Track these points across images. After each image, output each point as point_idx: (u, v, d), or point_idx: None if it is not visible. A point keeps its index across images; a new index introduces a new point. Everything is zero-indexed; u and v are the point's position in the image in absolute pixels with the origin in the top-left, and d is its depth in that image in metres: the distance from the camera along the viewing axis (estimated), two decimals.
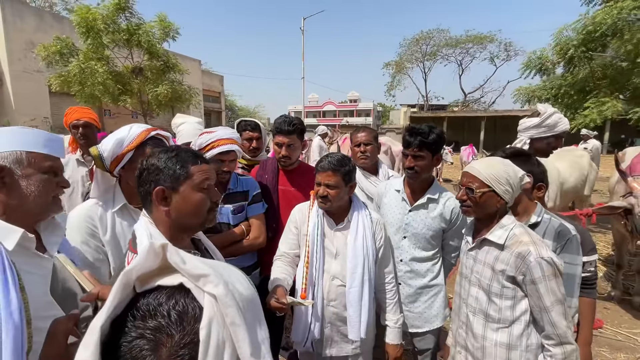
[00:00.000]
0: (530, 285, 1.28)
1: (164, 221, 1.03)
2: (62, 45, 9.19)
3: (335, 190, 1.56)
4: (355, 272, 1.58)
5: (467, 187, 1.40)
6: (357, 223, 1.62)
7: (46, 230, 1.07)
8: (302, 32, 21.55)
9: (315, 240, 1.63)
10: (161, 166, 1.00)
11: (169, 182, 1.00)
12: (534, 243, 1.29)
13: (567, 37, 6.46)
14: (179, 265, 0.46)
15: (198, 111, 19.79)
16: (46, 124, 13.25)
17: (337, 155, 1.62)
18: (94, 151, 1.36)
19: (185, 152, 1.05)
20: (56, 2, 24.83)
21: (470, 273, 1.46)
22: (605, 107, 5.76)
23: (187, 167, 1.02)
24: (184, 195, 1.02)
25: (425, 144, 1.69)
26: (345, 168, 1.57)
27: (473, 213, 1.43)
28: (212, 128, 1.87)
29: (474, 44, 34.04)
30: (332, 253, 1.65)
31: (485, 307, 1.40)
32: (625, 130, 22.18)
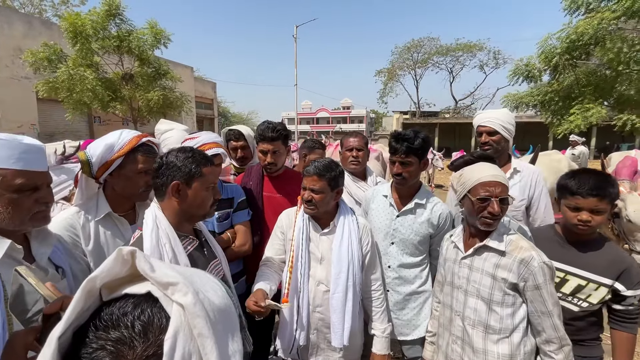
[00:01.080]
0: (533, 291, 1.27)
1: (173, 209, 1.18)
2: (50, 51, 9.07)
3: (320, 195, 1.56)
4: (339, 278, 1.56)
5: (502, 197, 1.31)
6: (343, 228, 1.61)
7: (35, 240, 1.05)
8: (294, 39, 21.69)
9: (300, 244, 1.62)
10: (179, 164, 1.17)
11: (184, 178, 1.17)
12: (534, 248, 1.32)
13: (551, 46, 6.63)
14: (147, 273, 0.44)
15: (190, 118, 19.70)
16: (33, 131, 13.02)
17: (325, 160, 1.62)
18: (82, 156, 1.33)
19: (199, 154, 1.22)
20: (46, 8, 24.67)
21: (467, 283, 1.42)
22: (590, 113, 5.90)
23: (200, 168, 1.19)
24: (195, 190, 1.19)
25: (412, 149, 1.69)
26: (331, 173, 1.56)
27: (498, 224, 1.37)
28: (195, 134, 1.85)
29: (464, 52, 34.68)
30: (317, 258, 1.64)
31: (485, 318, 1.36)
32: (611, 136, 22.74)
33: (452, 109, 38.52)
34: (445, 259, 1.57)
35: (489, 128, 2.07)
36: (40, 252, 1.04)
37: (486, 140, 2.07)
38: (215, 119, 25.97)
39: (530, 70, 7.25)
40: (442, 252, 1.62)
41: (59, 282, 1.09)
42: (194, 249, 1.23)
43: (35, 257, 1.03)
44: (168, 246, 1.13)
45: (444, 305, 1.55)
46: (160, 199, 1.21)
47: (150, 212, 1.19)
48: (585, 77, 6.59)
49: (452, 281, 1.49)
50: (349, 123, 50.36)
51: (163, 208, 1.19)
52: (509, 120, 2.07)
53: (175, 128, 2.19)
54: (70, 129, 14.32)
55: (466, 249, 1.45)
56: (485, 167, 1.40)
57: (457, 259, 1.48)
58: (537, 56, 6.89)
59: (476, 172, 1.39)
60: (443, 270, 1.60)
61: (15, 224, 0.96)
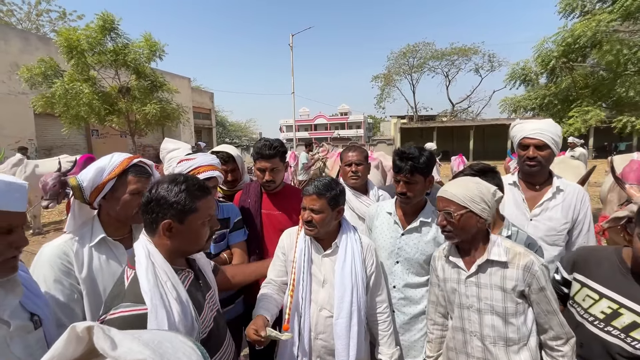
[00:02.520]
0: (538, 293, 1.30)
1: (165, 246, 1.09)
2: (46, 66, 9.07)
3: (320, 215, 1.50)
4: (343, 302, 1.48)
5: (445, 211, 1.38)
6: (346, 248, 1.55)
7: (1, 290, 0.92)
8: (290, 48, 21.84)
9: (302, 266, 1.56)
10: (171, 200, 1.06)
11: (177, 215, 1.07)
12: (528, 251, 1.37)
13: (548, 49, 6.61)
14: (107, 352, 0.38)
15: (188, 128, 19.73)
16: (31, 146, 12.99)
17: (325, 179, 1.57)
18: (72, 181, 1.29)
19: (193, 186, 1.10)
20: (43, 24, 24.87)
21: (478, 301, 1.38)
22: (589, 115, 5.87)
23: (195, 202, 1.09)
24: (189, 226, 1.09)
25: (417, 168, 1.63)
26: (331, 192, 1.51)
27: (456, 237, 1.40)
28: (191, 155, 1.80)
29: (459, 55, 34.91)
30: (319, 281, 1.57)
31: (504, 332, 1.35)
32: (608, 136, 22.82)
33: (449, 112, 38.67)
34: (443, 279, 1.50)
35: (538, 141, 1.81)
36: (3, 304, 0.91)
37: (534, 155, 1.82)
38: (213, 129, 26.01)
39: (527, 73, 7.25)
40: (436, 271, 1.55)
41: (32, 332, 0.98)
42: (190, 283, 1.15)
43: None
44: (169, 284, 1.04)
45: (454, 329, 1.48)
46: (150, 235, 1.11)
47: (142, 247, 1.07)
48: (583, 80, 6.58)
49: (459, 302, 1.44)
50: (347, 129, 50.53)
51: (155, 244, 1.09)
52: (558, 133, 1.85)
53: (181, 147, 2.15)
54: (68, 143, 14.32)
55: (467, 266, 1.41)
56: (448, 183, 1.48)
57: (460, 278, 1.43)
58: (534, 60, 6.88)
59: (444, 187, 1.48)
60: (440, 291, 1.54)
61: None
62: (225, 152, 2.20)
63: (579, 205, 1.84)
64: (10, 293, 0.93)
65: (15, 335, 0.92)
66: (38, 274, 1.23)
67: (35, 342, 0.97)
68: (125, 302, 0.96)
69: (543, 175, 1.90)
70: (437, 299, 1.57)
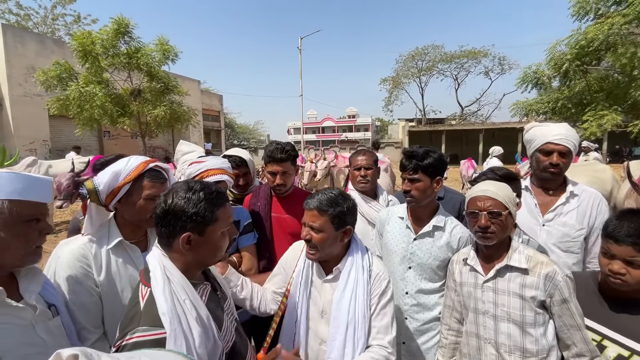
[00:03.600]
0: (560, 305, 1.25)
1: (182, 260, 1.01)
2: (61, 69, 9.29)
3: (320, 235, 1.30)
4: (335, 339, 1.28)
5: (491, 211, 1.34)
6: (348, 276, 1.32)
7: (24, 278, 1.02)
8: (299, 51, 21.95)
9: (298, 288, 1.39)
10: (189, 212, 0.97)
11: (196, 227, 0.99)
12: (553, 261, 1.32)
13: (561, 52, 6.52)
14: None
15: (197, 130, 19.93)
16: (45, 147, 13.28)
17: (332, 191, 1.36)
18: (89, 185, 1.30)
19: (210, 194, 1.02)
20: (59, 27, 25.48)
21: (494, 307, 1.35)
22: (605, 120, 5.76)
23: (214, 212, 1.01)
24: (209, 238, 1.02)
25: (420, 166, 1.62)
26: (335, 209, 1.29)
27: (496, 239, 1.35)
28: (201, 158, 1.81)
29: (469, 58, 34.72)
30: (319, 310, 1.38)
31: (520, 341, 1.30)
32: (623, 140, 22.33)
33: (458, 115, 38.38)
34: (460, 283, 1.48)
35: (563, 147, 1.74)
36: (29, 290, 1.01)
37: (558, 162, 1.75)
38: (222, 131, 26.24)
39: (540, 77, 7.15)
40: (453, 275, 1.53)
41: (51, 319, 1.06)
42: (208, 297, 1.08)
43: (24, 295, 1.00)
44: (188, 302, 0.95)
45: (468, 334, 1.45)
46: (167, 248, 1.01)
47: (157, 262, 0.98)
48: (597, 83, 6.46)
49: (475, 307, 1.41)
50: (354, 131, 50.45)
51: (171, 258, 1.01)
52: (578, 139, 1.81)
53: (195, 150, 2.16)
54: (80, 144, 14.56)
55: (485, 271, 1.39)
56: (482, 184, 1.44)
57: (477, 282, 1.40)
58: (546, 63, 6.78)
59: (473, 189, 1.44)
60: (456, 295, 1.51)
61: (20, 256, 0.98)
62: (238, 156, 2.18)
63: (595, 211, 1.78)
64: (33, 281, 1.03)
65: (39, 319, 1.01)
66: (58, 276, 1.24)
67: (55, 328, 1.06)
68: (141, 326, 0.88)
69: (559, 180, 1.87)
70: (453, 304, 1.54)
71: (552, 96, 7.10)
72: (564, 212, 1.81)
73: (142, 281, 1.00)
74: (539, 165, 1.86)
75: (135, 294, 0.99)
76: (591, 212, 1.78)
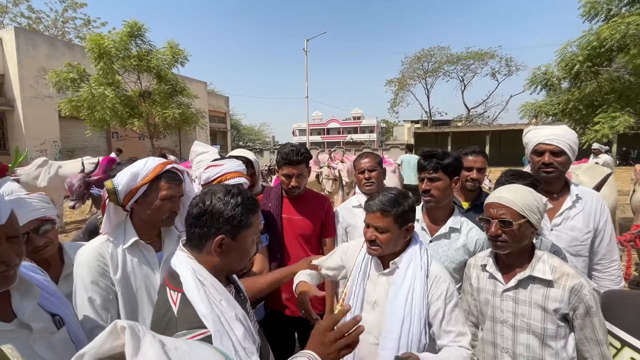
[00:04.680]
0: (584, 319, 1.21)
1: (211, 263, 0.99)
2: (74, 71, 9.45)
3: (386, 235, 1.33)
4: (391, 332, 1.30)
5: (502, 220, 1.30)
6: (406, 272, 1.34)
7: (16, 293, 0.92)
8: (305, 52, 22.02)
9: (356, 280, 1.43)
10: (227, 214, 0.97)
11: (231, 231, 0.98)
12: (580, 274, 1.26)
13: (572, 53, 6.43)
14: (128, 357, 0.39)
15: (204, 132, 20.07)
16: (55, 148, 13.49)
17: (391, 192, 1.38)
18: (109, 185, 1.32)
19: (247, 200, 1.02)
20: (69, 30, 25.90)
21: (514, 317, 1.31)
22: (617, 122, 5.67)
23: (249, 217, 1.01)
24: (240, 243, 1.01)
25: (440, 165, 1.62)
26: (399, 209, 1.33)
27: (509, 248, 1.31)
28: (219, 161, 1.82)
29: (475, 60, 34.53)
30: (371, 301, 1.41)
31: (539, 353, 1.26)
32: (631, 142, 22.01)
33: (464, 117, 38.17)
34: (477, 289, 1.44)
35: (554, 147, 1.75)
36: (22, 306, 0.91)
37: (550, 161, 1.76)
38: (228, 132, 26.41)
39: (549, 78, 7.06)
40: (470, 280, 1.50)
41: (55, 333, 0.97)
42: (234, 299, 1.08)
43: (17, 312, 0.90)
44: (224, 303, 0.95)
45: (484, 341, 1.42)
46: (194, 251, 1.00)
47: (185, 266, 0.96)
48: (609, 85, 6.37)
49: (492, 315, 1.37)
50: (359, 133, 50.43)
51: (200, 260, 0.99)
52: (575, 140, 1.79)
53: (210, 151, 2.18)
54: (90, 145, 14.80)
55: (506, 280, 1.34)
56: (502, 189, 1.40)
57: (496, 290, 1.36)
58: (557, 64, 6.70)
59: (491, 194, 1.41)
60: (473, 300, 1.49)
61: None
62: (244, 157, 2.16)
63: (599, 212, 1.78)
64: (26, 296, 0.93)
65: (38, 337, 0.93)
66: (76, 275, 1.28)
67: (58, 342, 0.97)
68: (180, 331, 0.86)
69: (560, 183, 1.84)
70: (469, 308, 1.52)
71: (562, 98, 6.99)
72: (571, 216, 1.79)
73: (169, 286, 0.97)
74: (533, 166, 1.86)
75: (163, 300, 0.96)
76: (595, 214, 1.77)
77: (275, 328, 1.97)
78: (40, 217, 1.35)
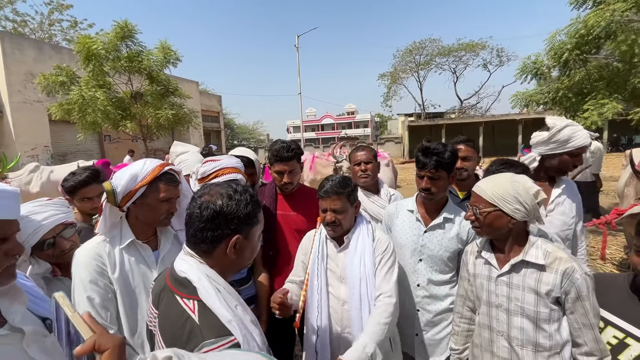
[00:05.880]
0: (575, 302, 1.23)
1: (223, 265, 0.97)
2: (63, 74, 9.31)
3: (343, 214, 1.55)
4: (353, 293, 1.53)
5: (474, 206, 1.37)
6: (357, 242, 1.58)
7: (5, 298, 0.93)
8: (296, 49, 21.90)
9: (316, 262, 1.60)
10: (242, 213, 0.94)
11: (245, 230, 0.96)
12: (572, 258, 1.29)
13: (560, 42, 6.49)
14: None
15: (197, 132, 19.94)
16: (47, 153, 13.32)
17: (337, 177, 1.60)
18: (107, 186, 1.33)
19: (252, 196, 0.99)
20: (56, 33, 25.44)
21: (508, 301, 1.34)
22: (605, 108, 5.73)
23: (257, 213, 1.00)
24: (251, 241, 1.00)
25: (441, 163, 1.63)
26: (348, 189, 1.55)
27: (484, 233, 1.39)
28: (216, 157, 1.83)
29: (467, 51, 34.56)
30: (337, 276, 1.61)
31: (533, 336, 1.29)
32: (622, 129, 22.26)
33: (457, 109, 38.27)
34: (474, 274, 1.48)
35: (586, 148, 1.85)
36: (12, 311, 0.91)
37: (581, 161, 1.87)
38: (221, 132, 26.24)
39: (539, 67, 7.11)
40: (467, 266, 1.53)
41: (48, 336, 0.97)
42: None
43: (6, 317, 0.90)
44: (240, 308, 0.94)
45: (480, 325, 1.46)
46: (204, 255, 0.96)
47: (197, 272, 0.92)
48: (597, 72, 6.43)
49: (488, 300, 1.41)
50: (354, 128, 50.39)
51: (210, 264, 0.96)
52: None
53: (190, 150, 2.18)
54: (82, 148, 14.63)
55: (500, 264, 1.37)
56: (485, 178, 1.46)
57: (491, 276, 1.40)
58: (546, 53, 6.75)
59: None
60: (469, 285, 1.52)
61: None
62: (245, 156, 2.18)
63: (577, 197, 1.91)
64: (15, 301, 0.94)
65: (32, 340, 0.93)
66: (74, 275, 1.29)
67: (51, 345, 0.96)
68: (207, 340, 0.83)
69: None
70: (466, 293, 1.55)
71: (552, 86, 7.04)
72: (561, 202, 1.88)
73: (179, 294, 0.92)
74: (562, 164, 1.87)
75: (175, 311, 0.91)
76: (575, 199, 1.90)
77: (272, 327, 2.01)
78: (64, 221, 1.42)
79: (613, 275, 1.46)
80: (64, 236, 1.42)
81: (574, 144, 1.81)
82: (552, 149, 1.87)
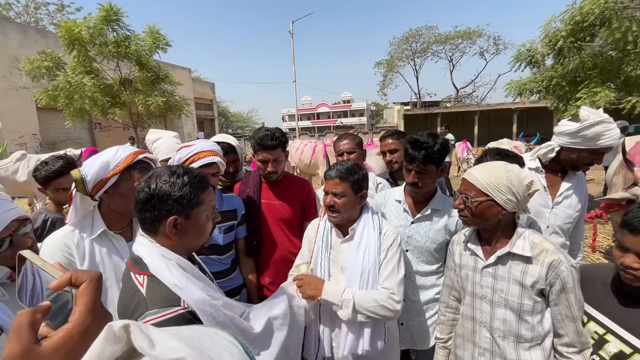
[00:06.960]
0: (560, 295, 1.21)
1: (170, 244, 1.02)
2: (48, 59, 9.03)
3: (343, 199, 1.48)
4: (352, 285, 1.47)
5: (465, 194, 1.32)
6: (362, 234, 1.51)
7: None
8: (291, 35, 21.49)
9: (320, 251, 1.56)
10: (175, 195, 0.98)
11: (182, 211, 1.00)
12: (559, 249, 1.26)
13: (555, 29, 6.41)
14: (145, 351, 0.36)
15: (190, 120, 19.66)
16: (35, 141, 13.06)
17: (347, 163, 1.55)
18: (75, 174, 1.27)
19: (194, 178, 1.03)
20: (42, 17, 24.65)
21: (492, 293, 1.32)
22: (598, 97, 5.73)
23: (199, 195, 1.03)
24: (194, 221, 1.03)
25: (430, 158, 1.58)
26: (354, 176, 1.49)
27: (472, 223, 1.35)
28: (190, 142, 1.78)
29: (463, 39, 34.18)
30: (339, 267, 1.54)
31: (516, 327, 1.28)
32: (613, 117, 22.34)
33: (453, 97, 38.12)
34: (460, 265, 1.46)
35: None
36: None
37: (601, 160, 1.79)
38: (215, 120, 25.92)
39: (533, 55, 7.04)
40: (453, 256, 1.52)
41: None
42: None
43: None
44: (194, 274, 1.01)
45: (464, 316, 1.45)
46: (152, 235, 1.02)
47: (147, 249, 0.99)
48: (591, 60, 6.39)
49: (472, 291, 1.39)
50: (349, 117, 50.09)
51: (159, 243, 1.02)
52: None
53: (163, 136, 2.12)
54: (71, 136, 14.38)
55: (486, 256, 1.35)
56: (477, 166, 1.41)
57: (477, 267, 1.37)
58: (540, 40, 6.68)
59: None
60: (455, 275, 1.51)
61: None
62: (226, 142, 2.10)
63: (585, 188, 1.86)
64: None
65: None
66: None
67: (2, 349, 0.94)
68: (151, 310, 0.88)
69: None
70: (452, 283, 1.54)
71: (546, 74, 7.00)
72: (569, 195, 1.84)
73: (133, 271, 0.99)
74: (580, 161, 1.78)
75: (128, 285, 0.97)
76: (583, 193, 1.85)
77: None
78: (17, 217, 1.24)
79: (599, 268, 1.42)
80: (22, 233, 1.25)
81: (602, 143, 1.67)
82: (576, 143, 1.73)
